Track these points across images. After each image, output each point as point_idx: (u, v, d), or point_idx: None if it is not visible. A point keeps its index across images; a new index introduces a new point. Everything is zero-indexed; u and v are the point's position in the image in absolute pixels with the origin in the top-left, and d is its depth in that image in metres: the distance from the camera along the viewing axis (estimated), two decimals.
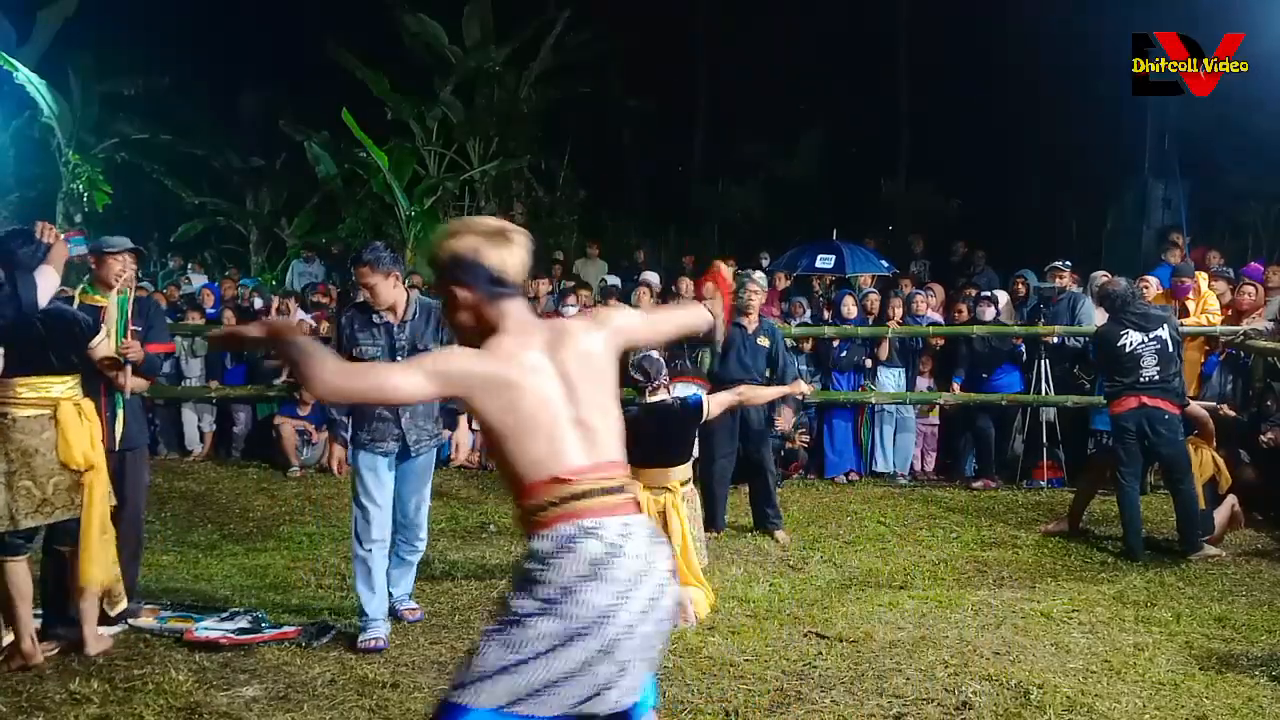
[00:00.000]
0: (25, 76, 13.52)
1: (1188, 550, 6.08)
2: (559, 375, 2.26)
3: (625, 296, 9.56)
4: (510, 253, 2.29)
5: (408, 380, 2.16)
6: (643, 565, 2.22)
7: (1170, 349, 6.24)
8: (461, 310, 2.29)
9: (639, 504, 2.37)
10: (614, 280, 10.92)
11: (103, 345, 4.38)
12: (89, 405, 4.24)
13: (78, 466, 4.13)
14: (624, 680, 2.17)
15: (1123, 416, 6.16)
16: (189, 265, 14.53)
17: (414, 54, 15.63)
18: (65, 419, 4.10)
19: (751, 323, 6.75)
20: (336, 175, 15.27)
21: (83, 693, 3.81)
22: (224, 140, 16.88)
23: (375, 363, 2.37)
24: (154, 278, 14.02)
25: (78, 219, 14.22)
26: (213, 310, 10.08)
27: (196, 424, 9.45)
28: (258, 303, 11.02)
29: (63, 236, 4.29)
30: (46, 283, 4.10)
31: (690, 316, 2.76)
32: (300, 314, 9.72)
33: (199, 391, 9.42)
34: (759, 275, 7.01)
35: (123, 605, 4.48)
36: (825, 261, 10.57)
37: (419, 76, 15.50)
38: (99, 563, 4.19)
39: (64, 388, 4.15)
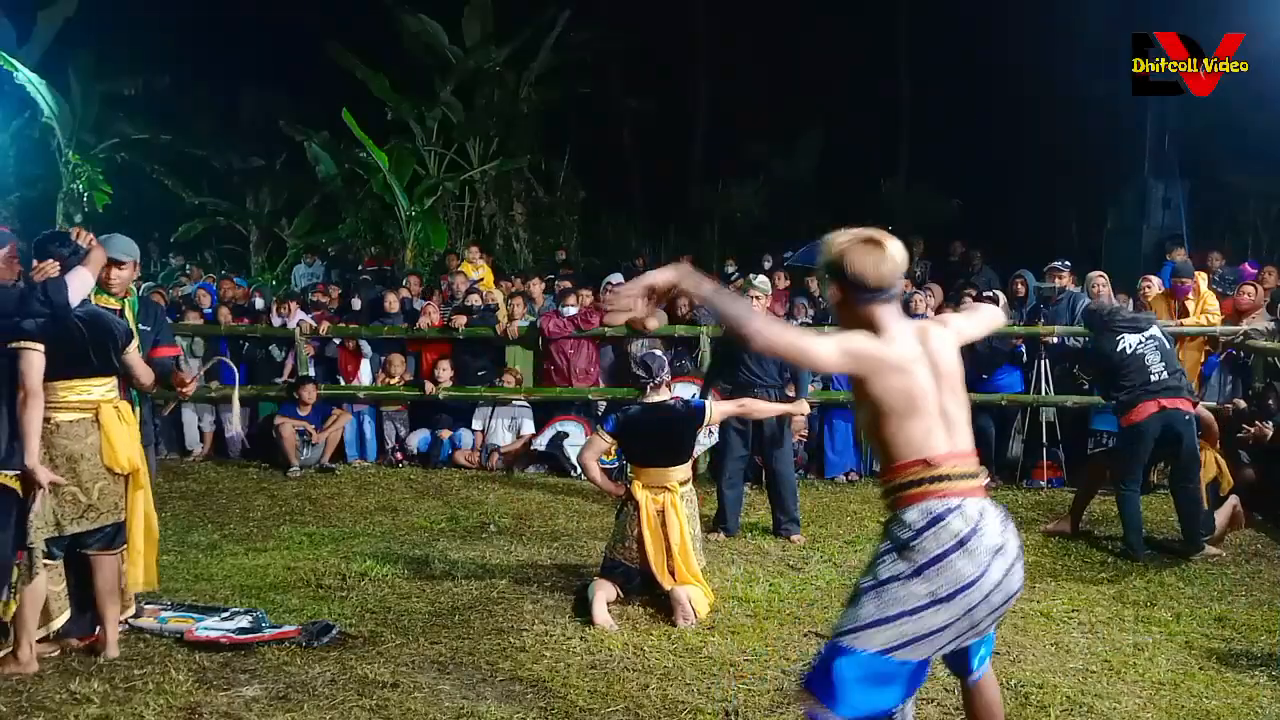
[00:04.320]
0: (25, 76, 13.53)
1: (1190, 549, 6.07)
2: (930, 368, 2.58)
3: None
4: (881, 259, 2.56)
5: (823, 348, 2.48)
6: (998, 542, 2.55)
7: (1168, 345, 6.23)
8: (841, 308, 2.63)
9: (987, 489, 2.69)
10: (618, 278, 10.91)
11: (132, 348, 4.38)
12: (126, 407, 4.24)
13: (122, 470, 4.12)
14: (984, 624, 2.57)
15: (1143, 424, 5.99)
16: (187, 267, 14.52)
17: (414, 54, 15.64)
18: (107, 422, 4.08)
19: None
20: (336, 175, 15.28)
21: (83, 693, 3.81)
22: (224, 140, 16.89)
23: (801, 327, 2.65)
24: (154, 278, 14.03)
25: (78, 219, 14.22)
26: (209, 310, 10.08)
27: (196, 424, 9.45)
28: (258, 303, 11.02)
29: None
30: (79, 285, 4.09)
31: (992, 318, 3.05)
32: (300, 314, 9.73)
33: (198, 391, 9.39)
34: (762, 280, 6.94)
35: (130, 610, 4.49)
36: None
37: (419, 76, 15.52)
38: (143, 565, 4.22)
39: (104, 390, 4.13)
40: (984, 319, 3.03)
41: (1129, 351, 6.09)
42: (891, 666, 2.50)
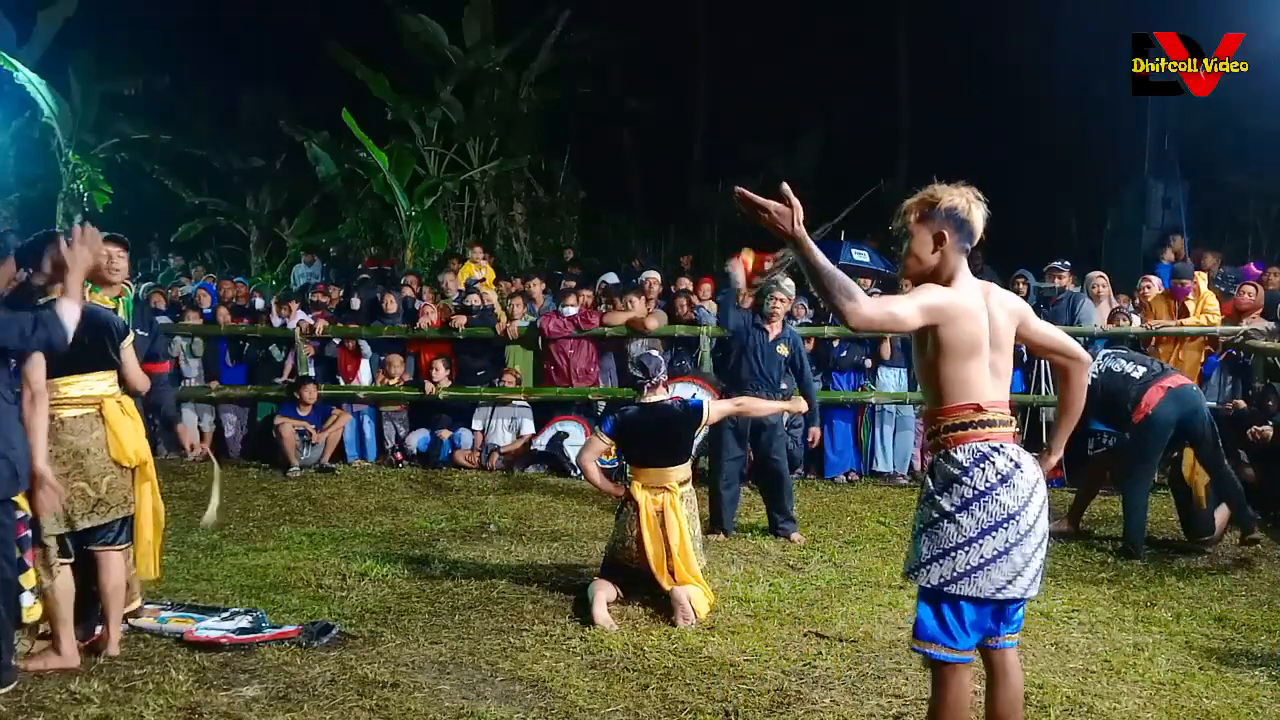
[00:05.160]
0: (25, 76, 13.53)
1: (1246, 527, 6.01)
2: (990, 324, 2.82)
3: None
4: (981, 215, 2.87)
5: (908, 310, 2.69)
6: (1035, 477, 2.82)
7: (1124, 349, 6.33)
8: (937, 250, 2.83)
9: (1019, 437, 2.90)
10: (612, 278, 10.92)
11: (128, 343, 4.36)
12: (129, 401, 4.26)
13: (129, 463, 4.15)
14: (1029, 569, 2.77)
15: (1157, 410, 5.94)
16: (190, 269, 14.52)
17: (414, 54, 15.63)
18: (111, 416, 4.11)
19: (774, 330, 6.65)
20: (336, 175, 15.28)
21: (83, 693, 3.81)
22: (224, 140, 16.88)
23: (887, 296, 2.83)
24: (154, 278, 14.03)
25: (78, 219, 14.22)
26: (209, 310, 10.09)
27: (196, 424, 9.45)
28: (258, 303, 11.03)
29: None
30: (70, 313, 4.04)
31: (1064, 343, 3.10)
32: (300, 314, 9.73)
33: (199, 391, 9.42)
34: (788, 284, 6.89)
35: (136, 604, 4.50)
36: (861, 256, 10.32)
37: (419, 76, 15.51)
38: (152, 557, 4.26)
39: (106, 385, 4.15)
40: (1058, 338, 3.12)
41: (1096, 376, 5.90)
42: (954, 604, 2.76)
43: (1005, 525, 2.74)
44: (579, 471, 8.09)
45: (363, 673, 4.06)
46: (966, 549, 2.73)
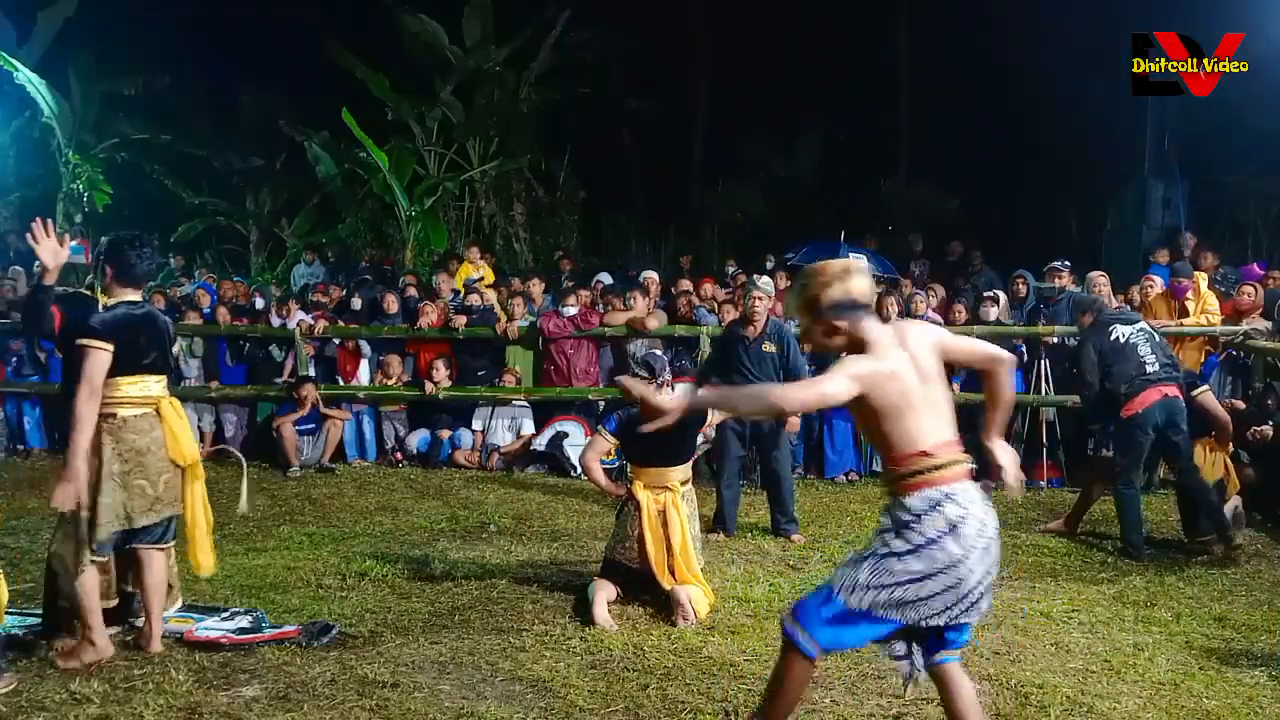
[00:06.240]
0: (25, 76, 13.53)
1: (1223, 537, 6.01)
2: (915, 369, 2.91)
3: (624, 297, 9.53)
4: (860, 281, 2.96)
5: (837, 386, 2.82)
6: (982, 521, 2.92)
7: (1157, 337, 6.24)
8: (838, 336, 2.96)
9: (972, 473, 2.99)
10: (607, 278, 10.91)
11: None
12: (179, 403, 4.33)
13: (184, 462, 4.22)
14: (965, 602, 2.90)
15: (1145, 413, 5.97)
16: (194, 270, 14.50)
17: (414, 54, 15.62)
18: (168, 416, 4.20)
19: (754, 331, 6.60)
20: (336, 175, 15.27)
21: (83, 693, 3.81)
22: (224, 140, 16.87)
23: (815, 378, 3.02)
24: (154, 277, 13.99)
25: (78, 219, 14.23)
26: (209, 310, 10.09)
27: (196, 424, 9.45)
28: (258, 303, 11.02)
29: (71, 241, 4.35)
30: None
31: (993, 353, 3.20)
32: (300, 314, 9.73)
33: (198, 391, 9.42)
34: (765, 281, 6.87)
35: (178, 604, 4.57)
36: (860, 257, 10.31)
37: (419, 76, 15.51)
38: (207, 550, 4.32)
39: (160, 386, 4.24)
40: (978, 348, 3.24)
41: (1122, 341, 6.07)
42: (870, 618, 2.92)
43: (948, 570, 2.87)
44: (579, 471, 8.14)
45: (363, 673, 4.06)
46: (906, 586, 2.88)
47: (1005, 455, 3.21)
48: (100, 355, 3.94)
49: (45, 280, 4.19)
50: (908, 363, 2.91)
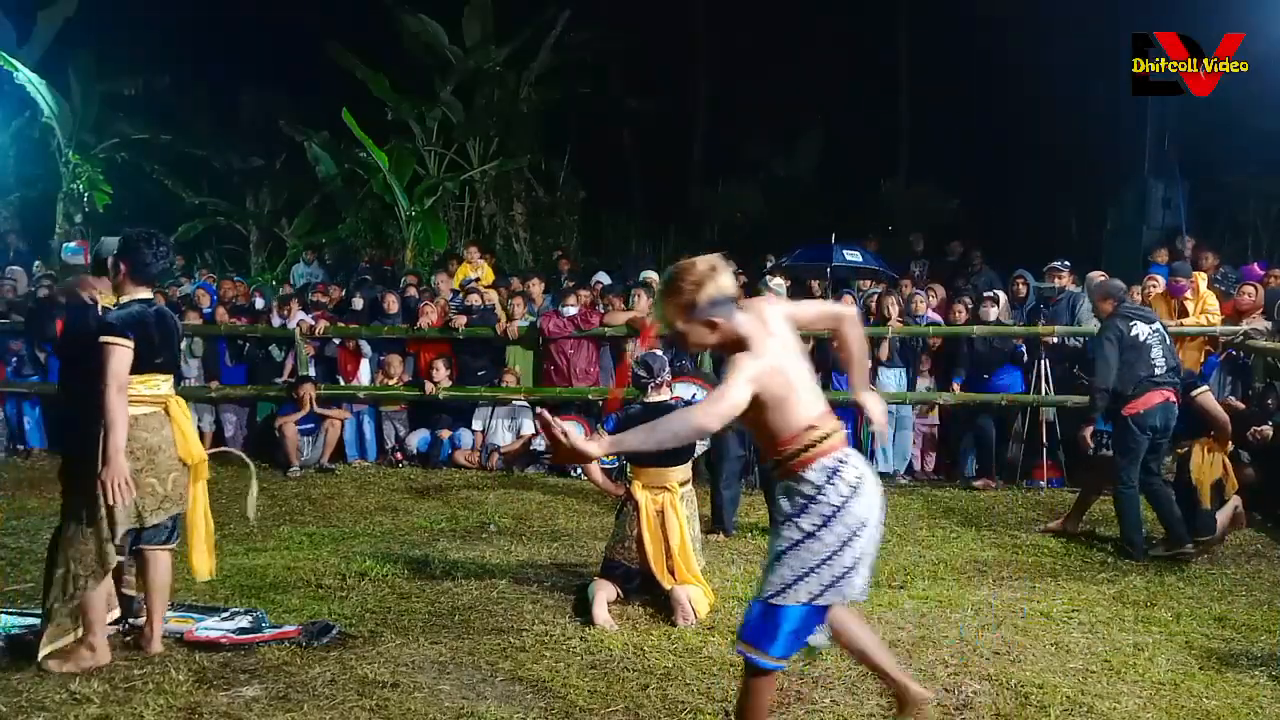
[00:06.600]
0: (25, 76, 13.53)
1: (1175, 546, 6.03)
2: (786, 352, 2.95)
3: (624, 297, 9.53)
4: (727, 277, 2.92)
5: (740, 393, 2.80)
6: (874, 480, 3.01)
7: (1169, 341, 6.24)
8: (716, 333, 2.92)
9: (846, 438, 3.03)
10: (605, 278, 10.90)
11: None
12: (184, 402, 4.37)
13: (191, 461, 4.25)
14: (863, 569, 2.98)
15: (1147, 414, 6.00)
16: (194, 270, 14.49)
17: (414, 54, 15.62)
18: (177, 415, 4.24)
19: None
20: (336, 175, 15.27)
21: (83, 693, 3.80)
22: (224, 140, 16.87)
23: (718, 390, 2.88)
24: None
25: (78, 219, 14.22)
26: (209, 310, 10.09)
27: (196, 424, 9.42)
28: (258, 303, 11.02)
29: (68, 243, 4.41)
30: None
31: (835, 311, 3.37)
32: (300, 314, 9.73)
33: (198, 391, 9.41)
34: (777, 282, 6.83)
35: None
36: (853, 256, 10.30)
37: (419, 76, 15.50)
38: (207, 552, 4.33)
39: (168, 385, 4.27)
40: (821, 308, 3.50)
41: (1141, 338, 6.08)
42: (815, 611, 2.96)
43: (859, 533, 2.94)
44: (579, 471, 8.14)
45: (363, 673, 4.06)
46: (829, 562, 2.92)
47: (875, 405, 3.30)
48: (124, 352, 3.96)
49: (58, 298, 4.25)
50: (780, 348, 2.94)
